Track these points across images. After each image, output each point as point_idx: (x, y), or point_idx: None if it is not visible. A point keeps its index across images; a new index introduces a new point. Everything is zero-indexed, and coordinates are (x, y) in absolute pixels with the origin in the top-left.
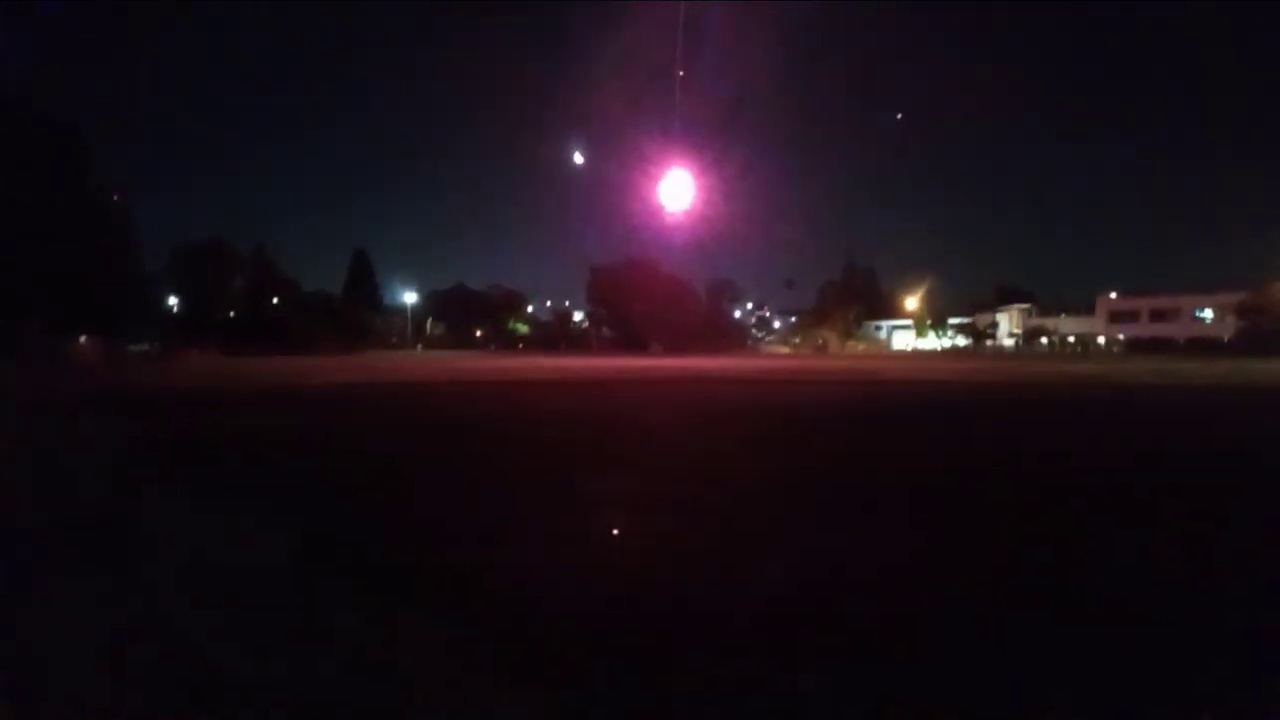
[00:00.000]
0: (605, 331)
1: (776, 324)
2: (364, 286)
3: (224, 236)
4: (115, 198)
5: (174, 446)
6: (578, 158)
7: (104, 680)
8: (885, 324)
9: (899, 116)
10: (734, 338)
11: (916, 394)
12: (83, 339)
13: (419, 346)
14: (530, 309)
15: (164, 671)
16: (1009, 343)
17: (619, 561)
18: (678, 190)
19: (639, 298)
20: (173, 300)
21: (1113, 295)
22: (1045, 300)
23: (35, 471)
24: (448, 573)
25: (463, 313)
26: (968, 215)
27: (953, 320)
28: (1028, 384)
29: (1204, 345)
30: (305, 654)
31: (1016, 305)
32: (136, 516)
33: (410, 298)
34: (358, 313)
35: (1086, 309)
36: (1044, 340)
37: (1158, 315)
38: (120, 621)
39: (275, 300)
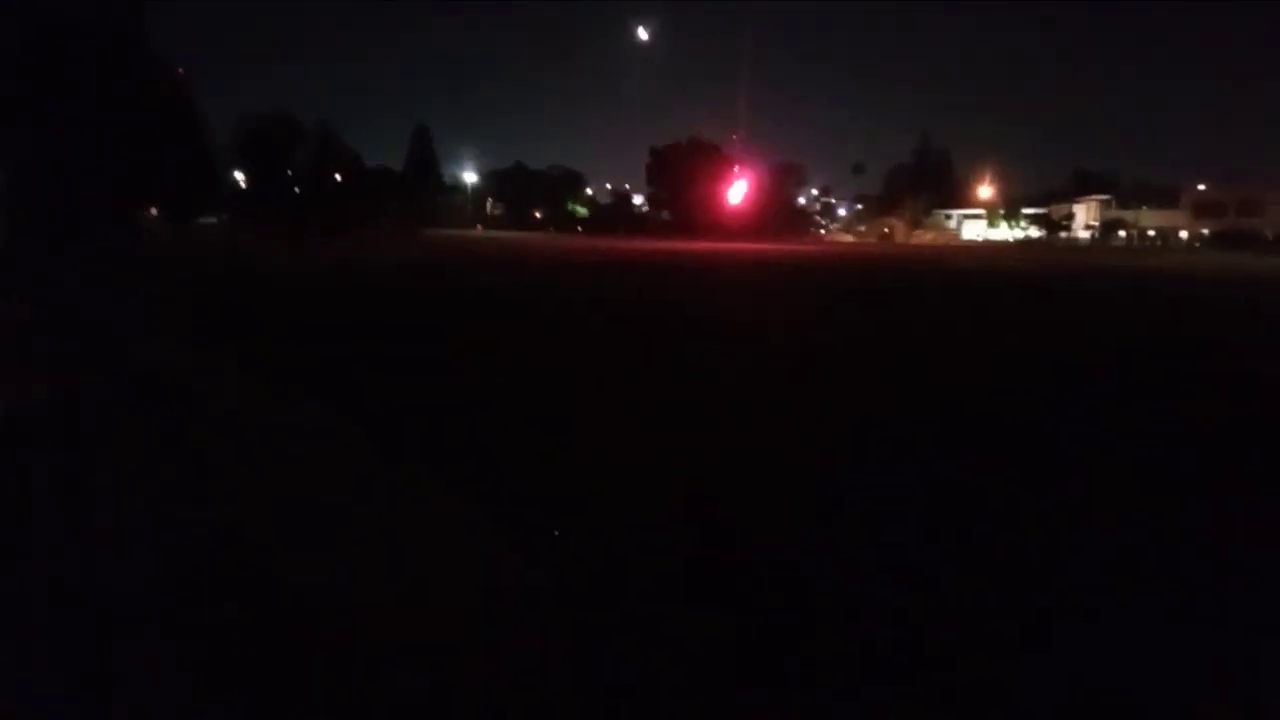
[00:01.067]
0: (664, 215)
1: (843, 210)
2: (426, 164)
3: (287, 111)
4: (179, 70)
5: None
6: (642, 33)
7: None
8: (956, 213)
9: None
10: (798, 224)
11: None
12: (153, 212)
13: (479, 226)
14: (589, 190)
15: None
16: (1084, 235)
17: None
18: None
19: (699, 180)
20: (237, 175)
21: (1199, 186)
22: (1127, 190)
23: None
24: None
25: (522, 193)
26: (1048, 99)
27: (1027, 210)
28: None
29: None
30: None
31: (1095, 196)
32: None
33: (470, 177)
34: (424, 191)
35: (1171, 200)
36: (1121, 234)
37: (1246, 208)
38: None
39: (339, 178)
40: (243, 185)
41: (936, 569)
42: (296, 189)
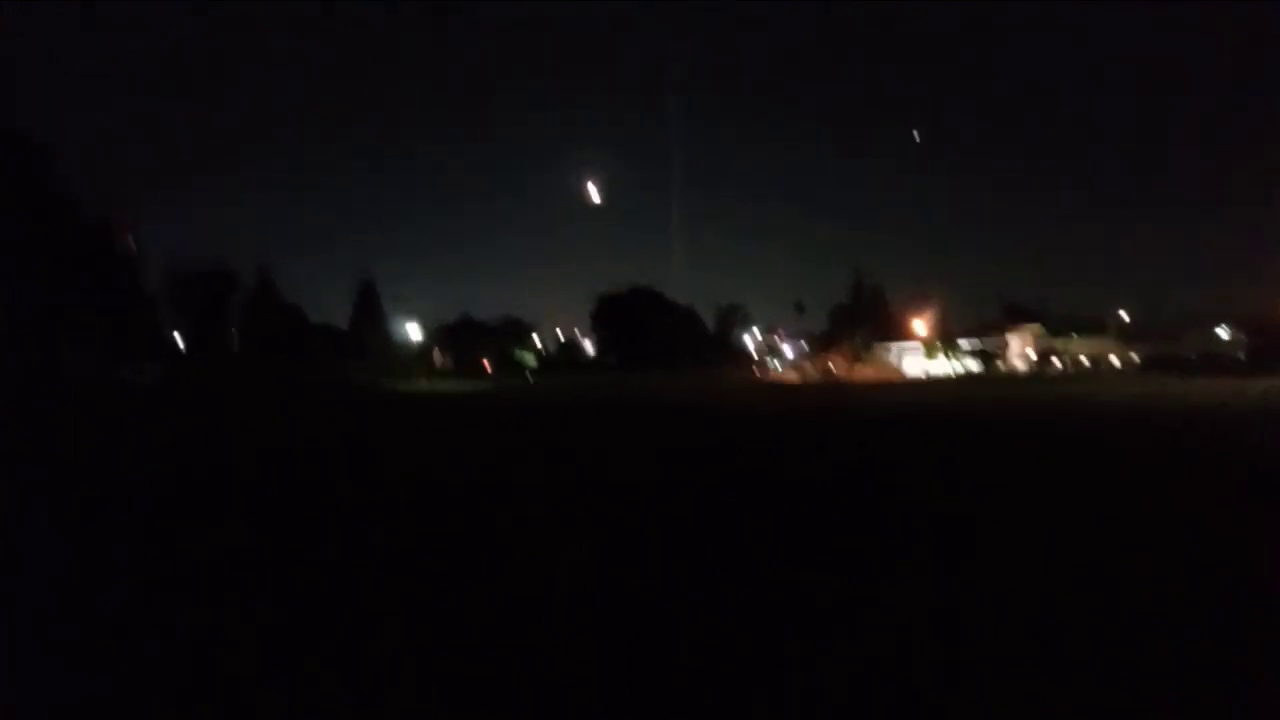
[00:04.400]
0: (610, 358)
1: (787, 348)
2: (372, 320)
3: (225, 261)
4: (121, 223)
5: None
6: (593, 193)
7: None
8: (895, 346)
9: (914, 133)
10: (741, 363)
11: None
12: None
13: (425, 379)
14: (535, 337)
15: None
16: (1021, 365)
17: None
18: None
19: (642, 325)
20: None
21: (1121, 313)
22: (1056, 318)
23: None
24: None
25: (469, 344)
26: (972, 231)
27: (962, 341)
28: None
29: (1218, 363)
30: None
31: (1027, 325)
32: None
33: (414, 331)
34: (372, 347)
35: (1098, 327)
36: (1056, 362)
37: (1167, 334)
38: None
39: (280, 329)
40: (177, 337)
41: None
42: (235, 341)
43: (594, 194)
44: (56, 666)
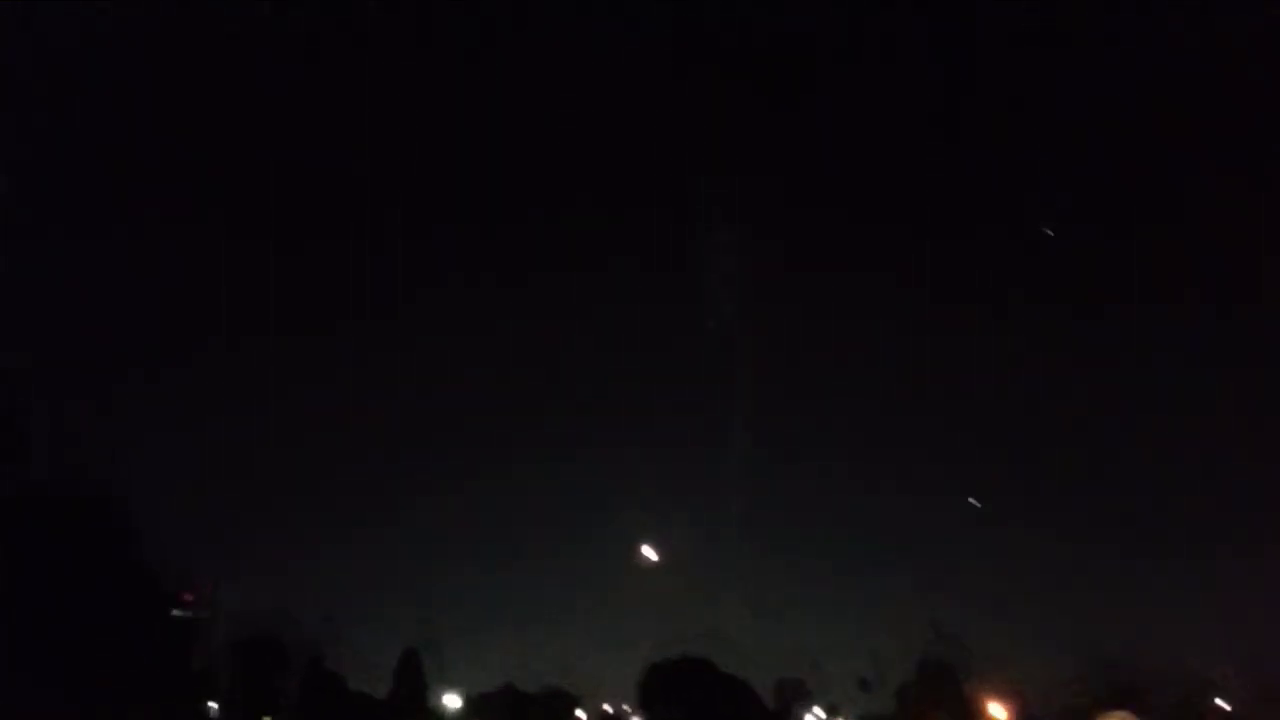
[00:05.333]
0: None
1: None
2: (414, 691)
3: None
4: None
5: None
6: (649, 553)
7: None
8: None
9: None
10: None
11: None
12: None
13: None
14: (580, 713)
15: None
16: None
17: None
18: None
19: (695, 699)
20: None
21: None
22: (1167, 699)
23: None
24: None
25: (510, 717)
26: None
27: None
28: None
29: None
30: None
31: (1118, 712)
32: None
33: (455, 702)
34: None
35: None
36: None
37: None
38: None
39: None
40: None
41: None
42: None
43: (651, 554)
44: None
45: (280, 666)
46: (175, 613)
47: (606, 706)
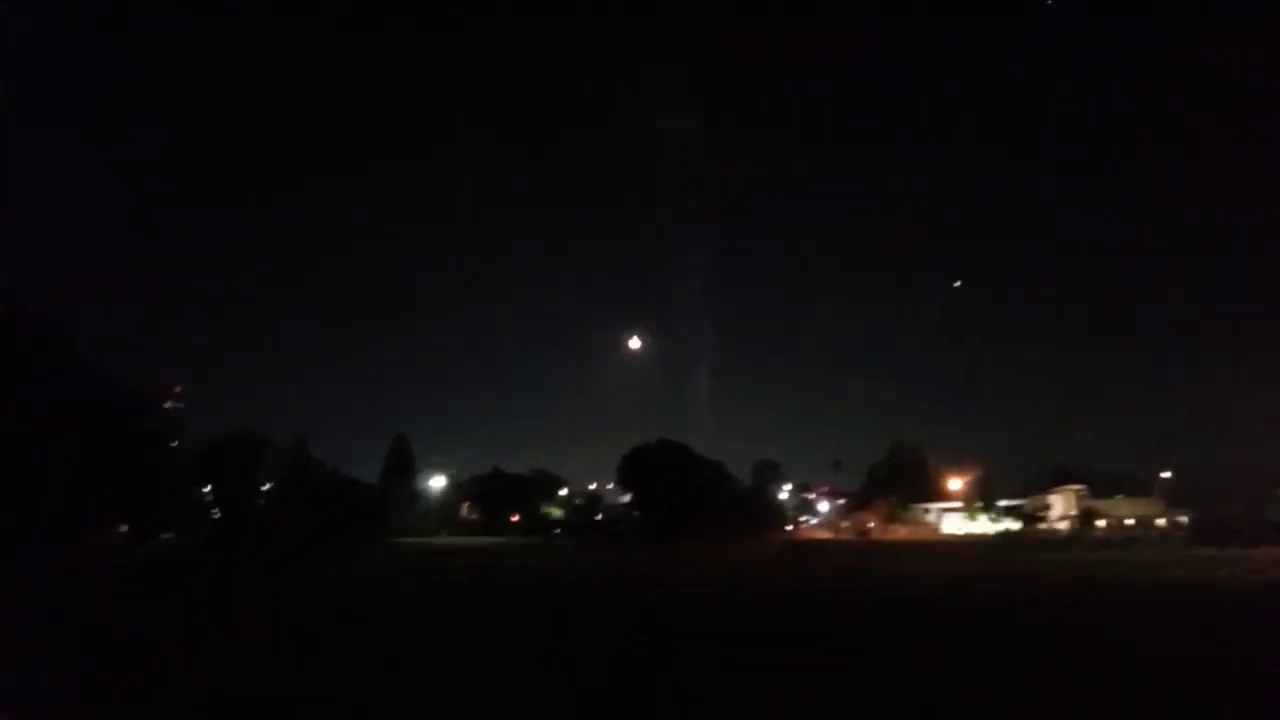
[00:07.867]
0: (635, 514)
1: (824, 506)
2: (404, 472)
3: (256, 428)
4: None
5: None
6: (634, 343)
7: None
8: (934, 507)
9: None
10: (775, 520)
11: None
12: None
13: (441, 532)
14: (565, 492)
15: None
16: (1062, 526)
17: None
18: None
19: (672, 481)
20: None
21: (1165, 474)
22: (1099, 479)
23: None
24: None
25: (499, 497)
26: (1020, 392)
27: (1003, 503)
28: None
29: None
30: None
31: (1070, 486)
32: None
33: (439, 482)
34: (399, 500)
35: (1143, 489)
36: (1100, 523)
37: (1213, 497)
38: None
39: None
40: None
41: None
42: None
43: (634, 343)
44: None
45: (262, 454)
46: (166, 405)
47: (591, 486)
